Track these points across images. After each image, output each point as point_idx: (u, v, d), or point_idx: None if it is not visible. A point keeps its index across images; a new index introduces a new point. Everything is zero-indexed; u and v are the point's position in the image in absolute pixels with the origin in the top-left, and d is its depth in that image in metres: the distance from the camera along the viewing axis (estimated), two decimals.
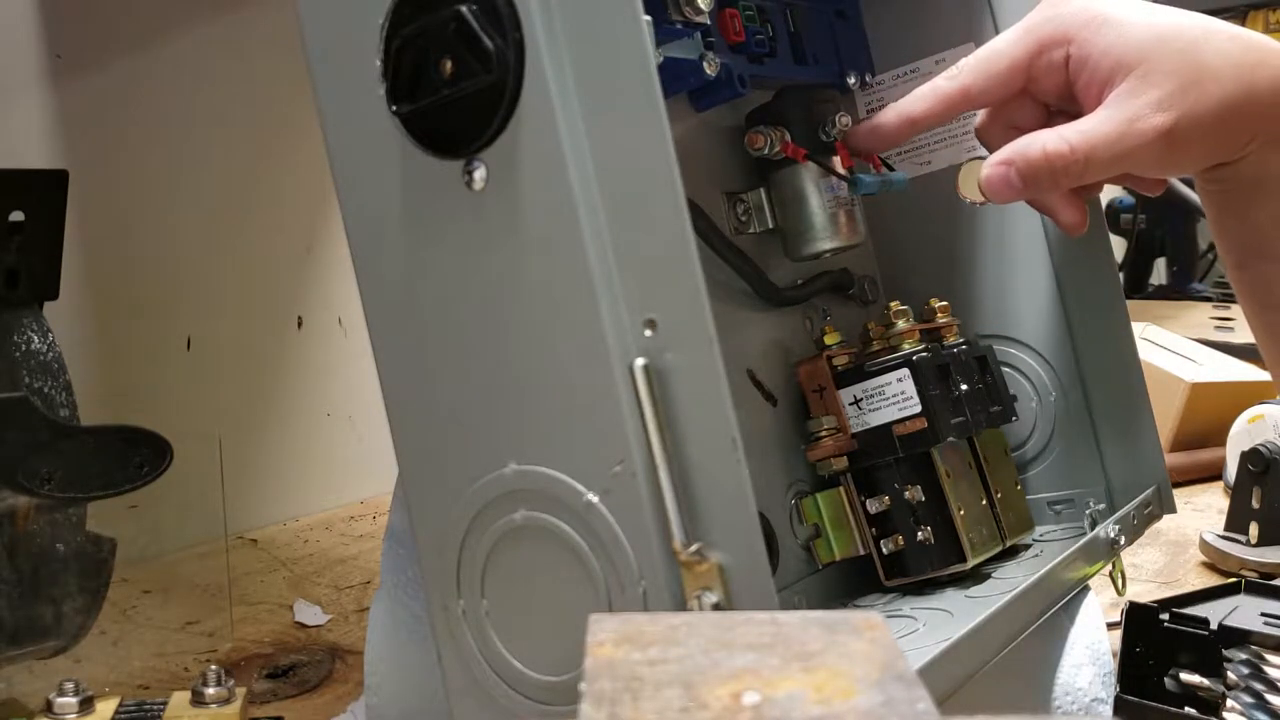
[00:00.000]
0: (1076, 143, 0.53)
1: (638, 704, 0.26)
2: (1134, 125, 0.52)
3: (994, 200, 0.56)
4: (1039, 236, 0.67)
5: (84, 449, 0.67)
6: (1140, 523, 0.65)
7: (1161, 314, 1.75)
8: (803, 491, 0.61)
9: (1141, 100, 0.52)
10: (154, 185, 1.04)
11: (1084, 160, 0.53)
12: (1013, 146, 0.55)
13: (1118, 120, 0.52)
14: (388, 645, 0.60)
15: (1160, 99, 0.52)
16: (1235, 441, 1.04)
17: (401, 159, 0.45)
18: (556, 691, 0.45)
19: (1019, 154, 0.54)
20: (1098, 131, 0.53)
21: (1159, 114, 0.52)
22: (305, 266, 1.18)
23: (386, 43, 0.44)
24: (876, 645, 0.29)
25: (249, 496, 1.12)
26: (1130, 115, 0.52)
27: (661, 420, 0.40)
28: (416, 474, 0.48)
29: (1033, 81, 0.57)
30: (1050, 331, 0.67)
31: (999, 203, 0.56)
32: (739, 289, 0.61)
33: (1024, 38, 0.56)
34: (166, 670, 0.80)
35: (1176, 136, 0.52)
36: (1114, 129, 0.52)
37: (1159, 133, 0.52)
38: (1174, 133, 0.52)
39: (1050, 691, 0.61)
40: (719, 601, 0.39)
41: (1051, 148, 0.53)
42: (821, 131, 0.60)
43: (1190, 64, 0.52)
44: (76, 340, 0.94)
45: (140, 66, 1.02)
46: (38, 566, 0.68)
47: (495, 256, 0.43)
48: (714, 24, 0.57)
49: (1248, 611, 0.67)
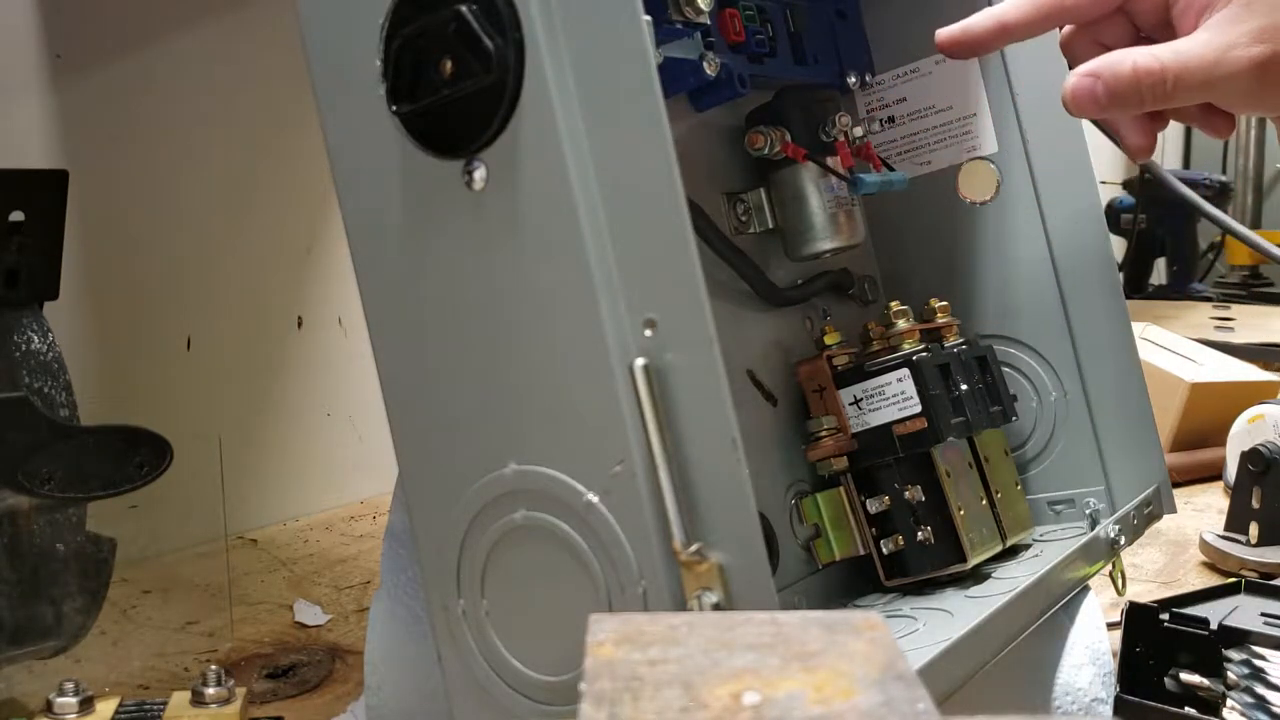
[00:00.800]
0: (1169, 61, 0.52)
1: (638, 704, 0.26)
2: (1229, 52, 0.51)
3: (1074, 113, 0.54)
4: (1039, 236, 0.67)
5: (84, 449, 0.67)
6: (1140, 523, 0.65)
7: (1161, 314, 1.76)
8: (803, 491, 0.61)
9: (1241, 28, 0.51)
10: (154, 185, 1.04)
11: (1173, 80, 0.52)
12: (1101, 60, 0.53)
13: (1214, 45, 0.52)
14: (388, 645, 0.60)
15: (1261, 29, 0.51)
16: (1235, 441, 1.04)
17: (401, 159, 0.45)
18: (556, 691, 0.45)
19: (1108, 67, 0.53)
20: (1192, 54, 0.52)
21: (1257, 45, 0.51)
22: (305, 266, 1.18)
23: (386, 43, 0.44)
24: (876, 645, 0.29)
25: (249, 496, 1.12)
26: (1228, 42, 0.51)
27: (661, 420, 0.40)
28: (416, 474, 0.48)
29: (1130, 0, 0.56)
30: (1050, 331, 0.67)
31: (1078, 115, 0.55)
32: (739, 289, 0.61)
33: None
34: (166, 670, 0.80)
35: (1271, 70, 0.51)
36: (1209, 53, 0.52)
37: (1254, 63, 0.51)
38: (1269, 66, 0.51)
39: (1050, 691, 0.61)
40: (719, 601, 0.39)
41: (1143, 64, 0.52)
42: (821, 131, 0.60)
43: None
44: (76, 340, 0.94)
45: (140, 66, 1.02)
46: (38, 566, 0.67)
47: (495, 256, 0.43)
48: (714, 24, 0.57)
49: (1248, 611, 0.67)
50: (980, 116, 0.67)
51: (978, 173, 0.68)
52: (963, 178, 0.68)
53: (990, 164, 0.67)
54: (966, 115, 0.67)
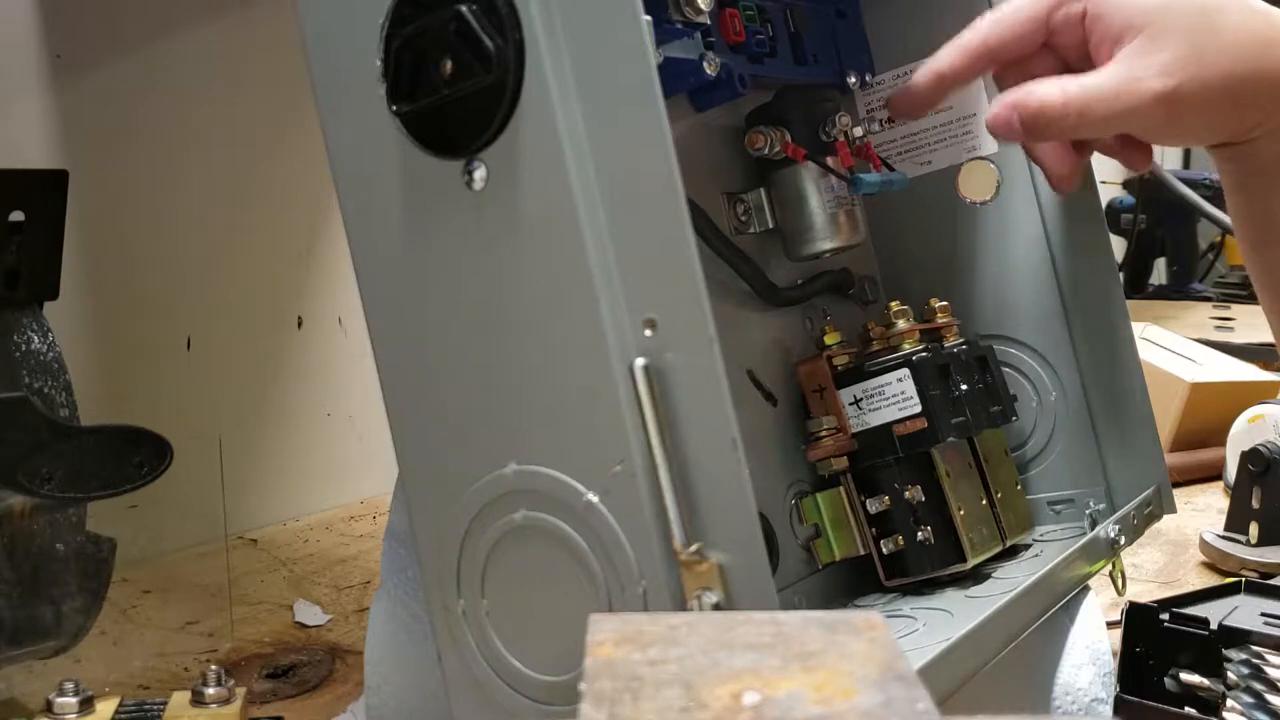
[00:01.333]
0: (1072, 94, 0.52)
1: (638, 704, 0.26)
2: (1134, 84, 0.51)
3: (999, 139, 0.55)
4: (1039, 236, 0.67)
5: (84, 449, 0.67)
6: (1140, 523, 0.65)
7: (1161, 314, 1.75)
8: (803, 491, 0.61)
9: (1146, 61, 0.51)
10: (154, 185, 1.04)
11: (1077, 113, 0.52)
12: (1019, 91, 0.54)
13: (1119, 78, 0.52)
14: (388, 645, 0.60)
15: (1166, 62, 0.51)
16: (1235, 441, 1.04)
17: (401, 159, 0.45)
18: (556, 691, 0.45)
19: (1020, 99, 0.54)
20: (1095, 86, 0.52)
21: (1161, 77, 0.51)
22: (305, 266, 1.18)
23: (386, 43, 0.44)
24: (876, 645, 0.29)
25: (249, 496, 1.12)
26: (1132, 74, 0.52)
27: (661, 420, 0.40)
28: (416, 474, 0.48)
29: (1053, 35, 0.56)
30: (1050, 331, 0.67)
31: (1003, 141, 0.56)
32: (739, 289, 0.61)
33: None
34: (166, 670, 0.80)
35: (1177, 103, 0.51)
36: (1112, 86, 0.52)
37: (1157, 96, 0.51)
38: (1175, 98, 0.51)
39: (1050, 691, 0.61)
40: (719, 601, 0.39)
41: (1048, 98, 0.53)
42: (821, 131, 0.60)
43: (1203, 31, 0.51)
44: (76, 340, 0.94)
45: (140, 66, 1.02)
46: (38, 566, 0.67)
47: (495, 256, 0.43)
48: (714, 24, 0.57)
49: (1248, 611, 0.67)
50: (980, 116, 0.67)
51: (978, 173, 0.68)
52: (963, 178, 0.68)
53: (990, 164, 0.67)
54: (966, 115, 0.67)
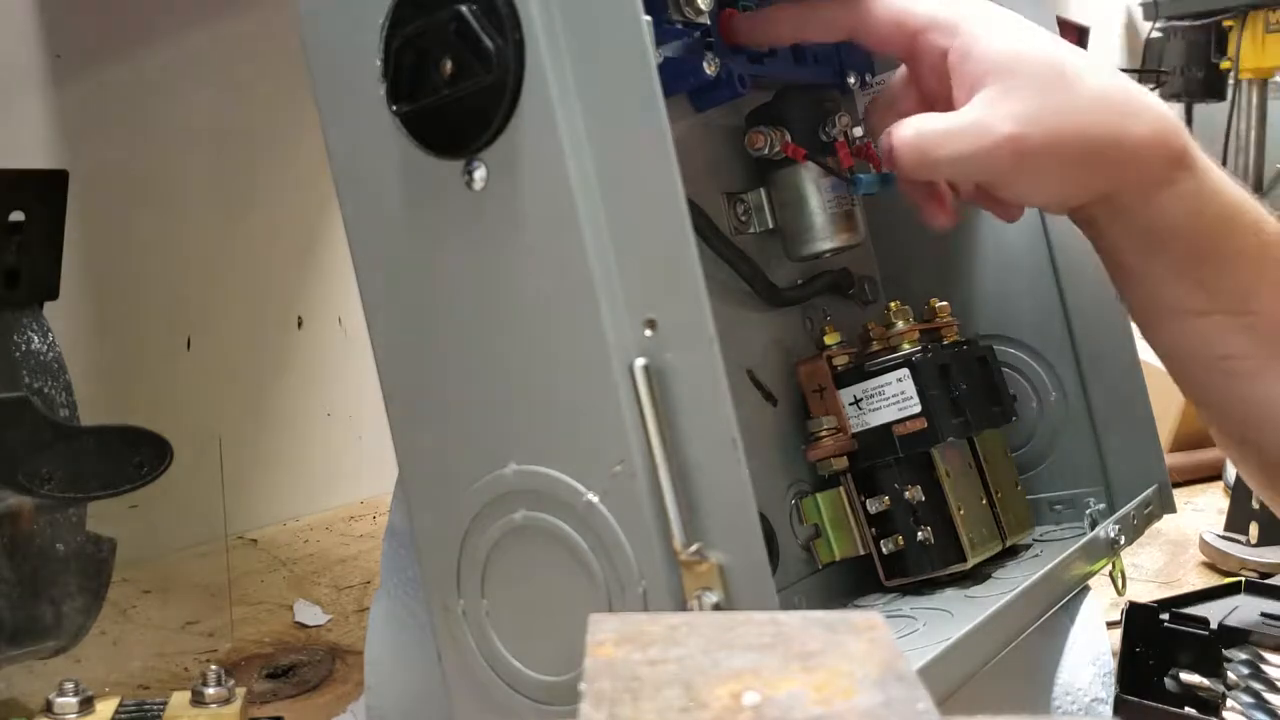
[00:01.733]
0: (920, 131, 0.52)
1: (638, 704, 0.26)
2: (981, 127, 0.51)
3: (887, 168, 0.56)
4: (1039, 237, 0.67)
5: (84, 449, 0.67)
6: (1140, 523, 0.65)
7: None
8: (803, 491, 0.61)
9: (998, 108, 0.51)
10: (154, 185, 1.04)
11: (922, 151, 0.52)
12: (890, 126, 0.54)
13: (968, 120, 0.52)
14: (388, 645, 0.60)
15: (1018, 112, 0.51)
16: None
17: (401, 159, 0.45)
18: (556, 691, 0.45)
19: (888, 131, 0.54)
20: (943, 126, 0.52)
21: (1011, 123, 0.51)
22: (305, 266, 1.18)
23: (386, 43, 0.44)
24: (876, 645, 0.29)
25: (249, 496, 1.12)
26: (981, 118, 0.52)
27: (661, 420, 0.40)
28: (416, 474, 0.48)
29: (914, 59, 0.56)
30: (1050, 331, 0.67)
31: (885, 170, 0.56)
32: (739, 289, 0.61)
33: (924, 4, 0.55)
34: (166, 670, 0.80)
35: (1024, 151, 0.51)
36: (960, 127, 0.52)
37: (1004, 140, 0.51)
38: (1021, 146, 0.51)
39: (1050, 691, 0.61)
40: (719, 601, 0.39)
41: (898, 132, 0.53)
42: (821, 131, 0.60)
43: (1061, 90, 0.52)
44: (76, 340, 0.94)
45: (140, 66, 1.02)
46: (38, 566, 0.67)
47: (495, 256, 0.43)
48: (714, 24, 0.57)
49: (1248, 611, 0.67)
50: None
51: None
52: None
53: None
54: None
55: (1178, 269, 0.55)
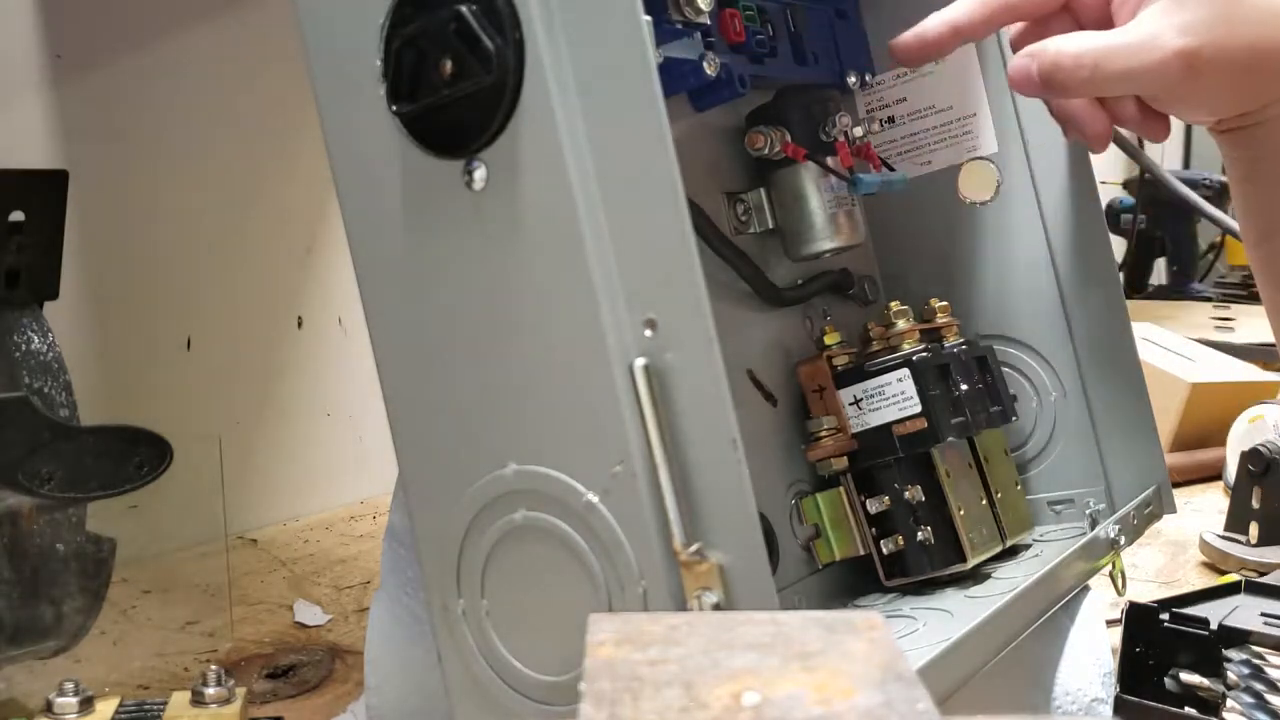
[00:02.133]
0: (1090, 47, 0.52)
1: (638, 704, 0.26)
2: (1154, 40, 0.51)
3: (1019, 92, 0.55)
4: (1039, 236, 0.67)
5: (84, 449, 0.67)
6: (1140, 523, 0.65)
7: (1161, 314, 1.75)
8: (803, 491, 0.61)
9: (1169, 20, 0.51)
10: (154, 185, 1.04)
11: (1093, 64, 0.52)
12: (1039, 44, 0.54)
13: (1139, 34, 0.52)
14: (388, 645, 0.60)
15: (1188, 23, 0.51)
16: (1235, 441, 1.04)
17: (401, 159, 0.45)
18: (556, 691, 0.45)
19: (1039, 50, 0.53)
20: (1115, 41, 0.52)
21: (1182, 36, 0.51)
22: (305, 266, 1.18)
23: (386, 43, 0.44)
24: (876, 645, 0.29)
25: (249, 496, 1.12)
26: (1153, 31, 0.51)
27: (661, 420, 0.40)
28: (416, 474, 0.48)
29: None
30: (1050, 331, 0.67)
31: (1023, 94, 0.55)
32: (739, 289, 0.61)
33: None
34: (166, 670, 0.80)
35: (1196, 63, 0.51)
36: (1132, 40, 0.52)
37: (1177, 54, 0.51)
38: (1194, 59, 0.51)
39: (1050, 691, 0.61)
40: (719, 601, 0.39)
41: (1067, 49, 0.52)
42: (821, 131, 0.60)
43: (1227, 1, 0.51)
44: (76, 340, 0.94)
45: (140, 66, 1.02)
46: (38, 566, 0.67)
47: (495, 256, 0.43)
48: (714, 24, 0.57)
49: (1248, 611, 0.67)
50: (980, 116, 0.67)
51: (978, 173, 0.68)
52: (963, 178, 0.68)
53: (990, 164, 0.67)
54: (966, 115, 0.67)
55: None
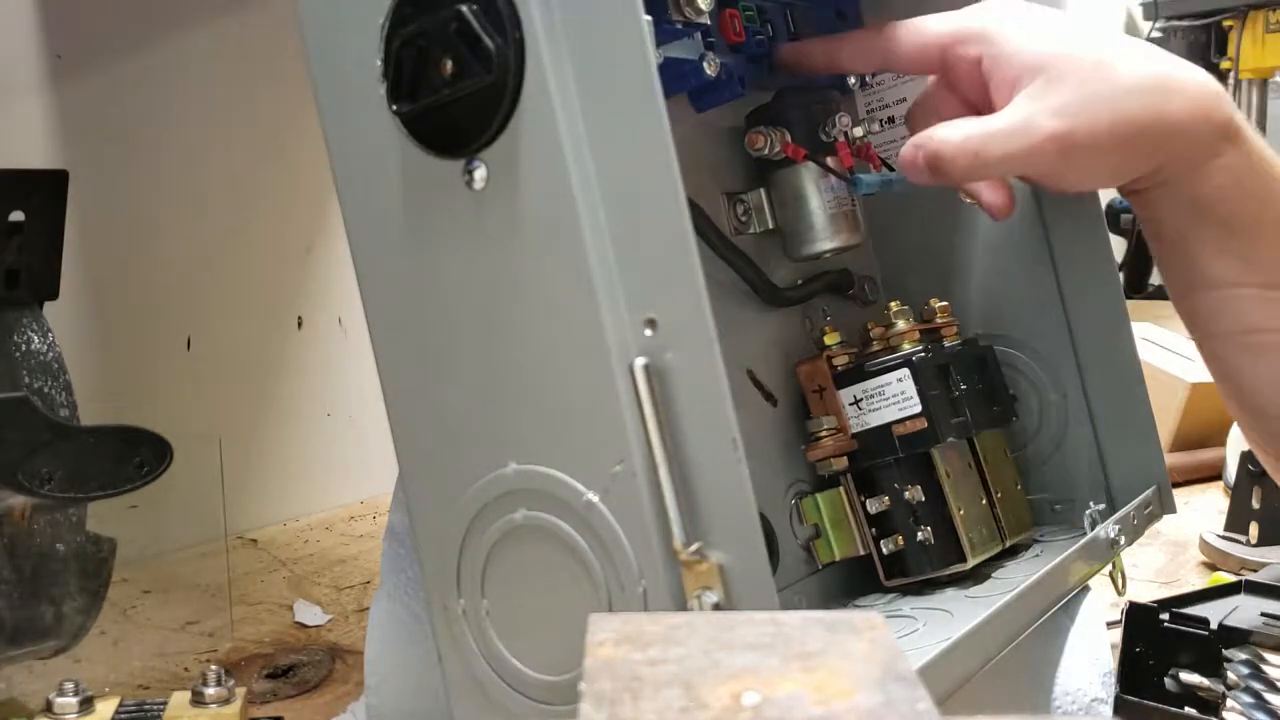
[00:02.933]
0: (969, 134, 0.53)
1: (638, 704, 0.26)
2: (1027, 126, 0.52)
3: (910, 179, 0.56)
4: (1039, 237, 0.67)
5: (84, 449, 0.67)
6: (1140, 523, 0.65)
7: (1161, 314, 1.75)
8: (803, 491, 0.61)
9: (1041, 104, 0.52)
10: (154, 185, 1.04)
11: (972, 154, 0.53)
12: (925, 133, 0.55)
13: (1013, 120, 0.53)
14: (388, 645, 0.60)
15: (1060, 105, 0.52)
16: (1235, 441, 1.04)
17: (401, 159, 0.45)
18: (556, 691, 0.45)
19: (924, 140, 0.54)
20: (992, 128, 0.53)
21: (1055, 119, 0.52)
22: (305, 266, 1.18)
23: (386, 43, 0.44)
24: (876, 645, 0.29)
25: (249, 496, 1.12)
26: (1026, 116, 0.52)
27: (661, 420, 0.40)
28: (416, 474, 0.48)
29: (948, 71, 0.57)
30: (1050, 331, 0.67)
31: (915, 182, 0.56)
32: (739, 289, 0.61)
33: (946, 21, 0.56)
34: (166, 670, 0.80)
35: (1071, 144, 0.52)
36: (1006, 128, 0.53)
37: (1051, 137, 0.52)
38: (1067, 140, 0.52)
39: (1050, 691, 0.61)
40: (719, 601, 0.39)
41: (945, 138, 0.53)
42: (821, 131, 0.60)
43: (1098, 77, 0.52)
44: (76, 340, 0.94)
45: (140, 66, 1.02)
46: (38, 566, 0.67)
47: (495, 256, 0.43)
48: (714, 24, 0.57)
49: (1248, 611, 0.67)
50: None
51: None
52: None
53: None
54: None
55: (1217, 241, 0.56)
